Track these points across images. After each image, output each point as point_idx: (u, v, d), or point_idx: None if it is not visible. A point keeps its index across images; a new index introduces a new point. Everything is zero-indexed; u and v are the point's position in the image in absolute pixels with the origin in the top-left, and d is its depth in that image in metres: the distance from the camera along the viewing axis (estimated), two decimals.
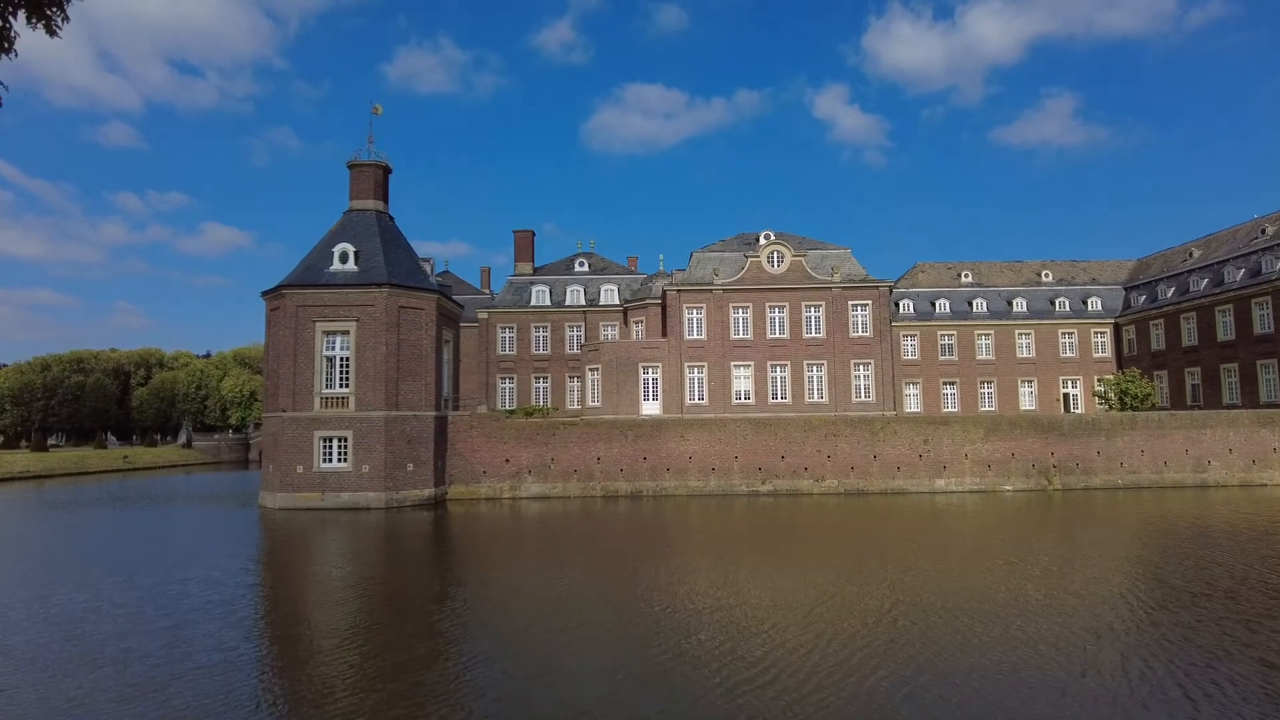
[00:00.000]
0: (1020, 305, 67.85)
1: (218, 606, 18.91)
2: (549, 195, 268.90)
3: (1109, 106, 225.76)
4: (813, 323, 59.55)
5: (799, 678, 13.21)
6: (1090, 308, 68.24)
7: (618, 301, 68.22)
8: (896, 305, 66.82)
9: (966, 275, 70.77)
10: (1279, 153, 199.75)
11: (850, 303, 59.67)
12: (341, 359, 40.75)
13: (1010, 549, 26.58)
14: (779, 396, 58.70)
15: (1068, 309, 68.04)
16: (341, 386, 40.58)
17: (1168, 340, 61.87)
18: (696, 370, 58.85)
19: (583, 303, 68.89)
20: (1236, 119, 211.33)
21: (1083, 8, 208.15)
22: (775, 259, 60.06)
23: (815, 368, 59.14)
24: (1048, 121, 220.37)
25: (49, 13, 6.75)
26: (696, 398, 58.48)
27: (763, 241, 60.87)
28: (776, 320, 59.60)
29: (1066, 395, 66.24)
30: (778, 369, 59.08)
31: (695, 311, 59.44)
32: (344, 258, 41.86)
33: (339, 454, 40.19)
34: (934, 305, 68.25)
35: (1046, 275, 70.69)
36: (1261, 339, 53.21)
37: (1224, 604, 17.85)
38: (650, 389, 58.61)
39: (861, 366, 59.38)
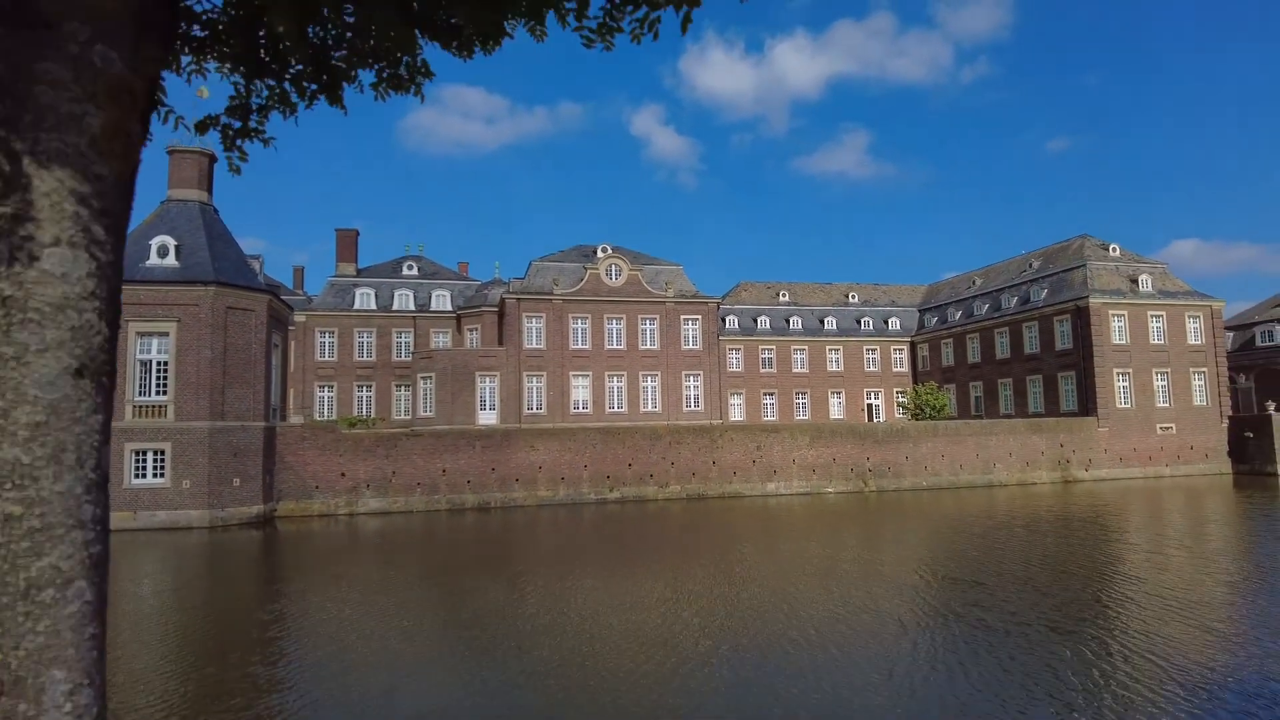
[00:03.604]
0: (831, 323, 73.71)
1: None
2: (359, 194, 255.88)
3: (897, 146, 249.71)
4: (648, 335, 61.35)
5: (630, 680, 13.82)
6: (891, 327, 75.50)
7: (450, 308, 66.58)
8: (723, 320, 70.28)
9: (784, 295, 75.82)
10: (1035, 198, 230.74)
11: (682, 317, 62.15)
12: (159, 363, 36.79)
13: (829, 543, 29.69)
14: (615, 406, 59.83)
15: (871, 328, 74.82)
16: (159, 394, 36.64)
17: (956, 357, 69.71)
18: (535, 379, 58.66)
19: (412, 308, 66.56)
20: (996, 166, 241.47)
21: (877, 53, 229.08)
22: (613, 272, 61.31)
23: (650, 378, 60.91)
24: (845, 155, 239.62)
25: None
26: (535, 407, 58.28)
27: (600, 254, 61.94)
28: (614, 331, 60.77)
29: (870, 406, 72.73)
30: (615, 379, 60.22)
31: (535, 320, 59.28)
32: (163, 252, 37.88)
33: (155, 468, 36.24)
34: (756, 322, 72.55)
35: (853, 297, 77.36)
36: (1030, 357, 61.35)
37: (999, 579, 20.70)
38: (488, 398, 57.67)
39: (692, 378, 61.96)
